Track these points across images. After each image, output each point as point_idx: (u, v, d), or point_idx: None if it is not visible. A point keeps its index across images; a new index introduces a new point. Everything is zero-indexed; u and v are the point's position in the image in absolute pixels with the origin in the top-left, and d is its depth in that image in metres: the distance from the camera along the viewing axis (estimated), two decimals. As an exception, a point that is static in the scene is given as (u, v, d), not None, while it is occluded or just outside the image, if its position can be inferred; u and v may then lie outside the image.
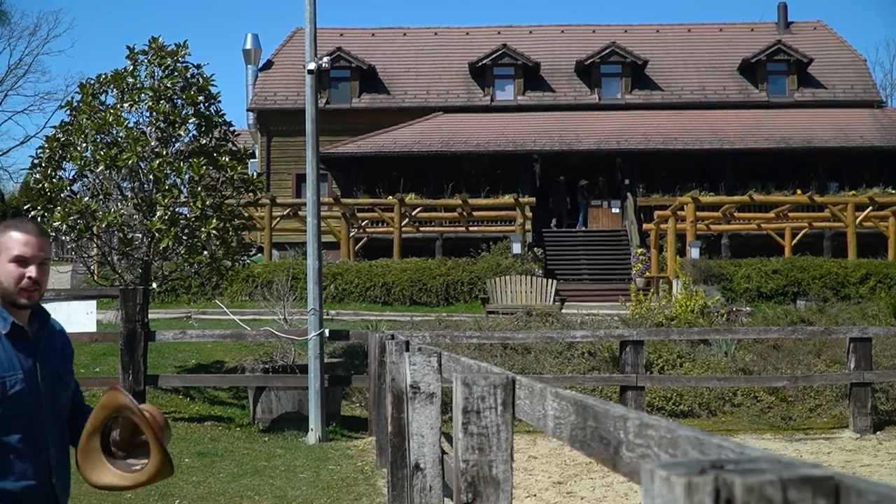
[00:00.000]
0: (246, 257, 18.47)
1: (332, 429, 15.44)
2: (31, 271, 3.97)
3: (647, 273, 33.85)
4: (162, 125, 17.08)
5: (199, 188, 16.65)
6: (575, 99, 46.81)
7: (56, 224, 16.42)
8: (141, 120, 17.32)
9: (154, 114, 17.05)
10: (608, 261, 38.12)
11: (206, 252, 17.07)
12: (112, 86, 17.43)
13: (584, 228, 42.67)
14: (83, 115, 16.84)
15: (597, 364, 18.15)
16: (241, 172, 17.44)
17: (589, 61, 46.39)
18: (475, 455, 3.99)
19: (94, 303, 15.97)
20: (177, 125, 17.12)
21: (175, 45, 17.58)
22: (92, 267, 19.28)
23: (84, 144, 16.74)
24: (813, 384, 17.15)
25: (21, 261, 3.96)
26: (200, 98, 17.44)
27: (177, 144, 17.51)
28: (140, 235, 17.07)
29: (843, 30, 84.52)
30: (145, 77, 17.48)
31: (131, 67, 17.47)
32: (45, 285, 4.07)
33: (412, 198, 38.00)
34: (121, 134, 16.77)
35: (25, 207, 17.35)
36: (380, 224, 37.58)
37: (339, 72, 45.69)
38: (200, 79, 17.55)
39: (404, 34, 50.84)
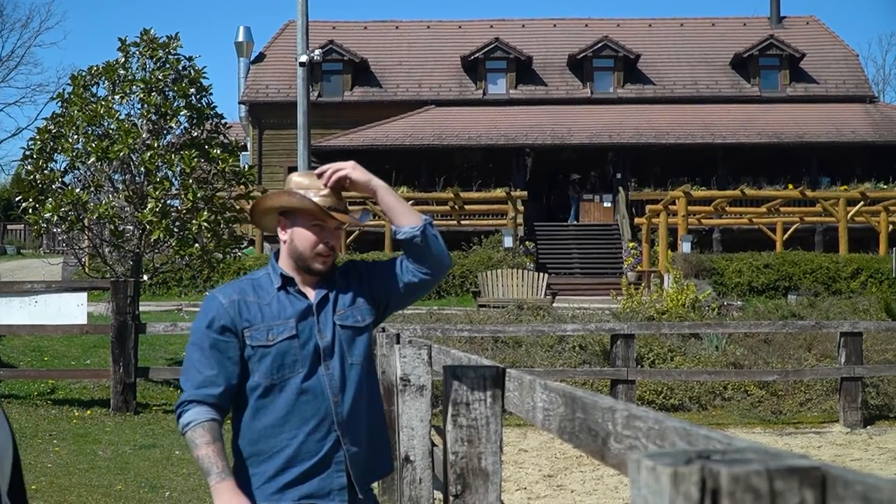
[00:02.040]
0: (237, 250, 18.44)
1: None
2: (329, 238, 3.96)
3: (639, 267, 33.89)
4: (153, 117, 17.05)
5: (191, 180, 16.63)
6: (567, 93, 46.80)
7: (47, 216, 16.39)
8: (132, 112, 17.31)
9: (145, 106, 17.03)
10: (600, 255, 38.14)
11: (197, 244, 17.04)
12: (104, 78, 17.41)
13: (575, 222, 42.68)
14: (74, 107, 16.81)
15: (588, 358, 18.15)
16: (232, 165, 17.41)
17: (581, 55, 46.38)
18: (464, 447, 3.99)
19: (84, 295, 15.92)
20: (168, 117, 17.10)
21: (167, 37, 17.55)
22: (83, 259, 19.24)
23: (75, 136, 16.71)
24: (803, 378, 17.17)
25: (320, 227, 3.94)
26: (192, 90, 17.41)
27: (168, 137, 17.50)
28: (131, 227, 17.05)
29: (836, 25, 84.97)
30: (137, 69, 17.46)
31: (123, 59, 17.45)
32: (339, 251, 4.02)
33: (404, 191, 37.95)
34: (112, 126, 16.75)
35: (17, 199, 17.32)
36: (371, 217, 37.50)
37: (332, 65, 45.65)
38: (192, 71, 17.53)
39: (397, 27, 50.80)
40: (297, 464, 3.82)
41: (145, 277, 17.26)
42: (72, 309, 15.56)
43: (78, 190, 16.69)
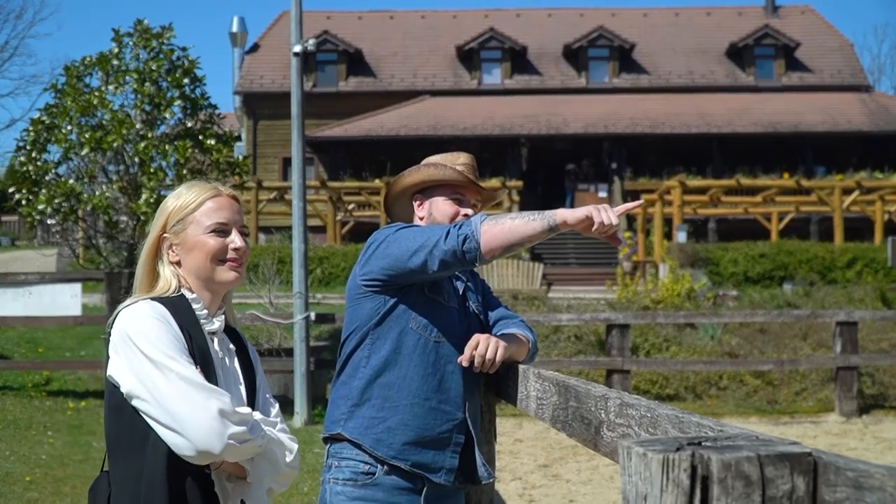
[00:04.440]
0: (232, 240, 18.39)
1: (318, 412, 15.42)
2: (468, 210, 4.03)
3: (634, 257, 33.85)
4: (147, 108, 17.01)
5: (185, 171, 16.59)
6: (562, 83, 46.75)
7: (41, 207, 16.36)
8: (126, 102, 17.27)
9: (139, 96, 16.99)
10: (595, 245, 38.05)
11: (191, 235, 16.99)
12: (97, 68, 17.37)
13: (571, 212, 42.53)
14: (68, 98, 16.78)
15: (583, 348, 18.15)
16: (227, 155, 17.37)
17: (576, 45, 46.33)
18: (458, 436, 3.99)
19: (79, 286, 15.89)
20: (162, 108, 17.06)
21: (160, 27, 17.52)
22: (77, 250, 19.21)
23: (69, 127, 16.68)
24: (799, 368, 17.19)
25: (459, 199, 4.04)
26: (186, 81, 17.37)
27: (162, 127, 17.46)
28: (125, 218, 17.02)
29: (831, 14, 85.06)
30: (130, 59, 17.41)
31: (116, 50, 17.40)
32: None
33: (399, 181, 37.84)
34: (106, 116, 16.71)
35: (11, 190, 17.28)
36: (366, 208, 37.44)
37: (326, 55, 45.58)
38: (186, 61, 17.49)
39: (391, 17, 50.73)
40: (420, 427, 3.79)
41: (140, 268, 17.19)
42: (66, 300, 15.54)
43: (72, 181, 16.66)
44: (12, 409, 14.36)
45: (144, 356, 2.83)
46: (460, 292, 4.00)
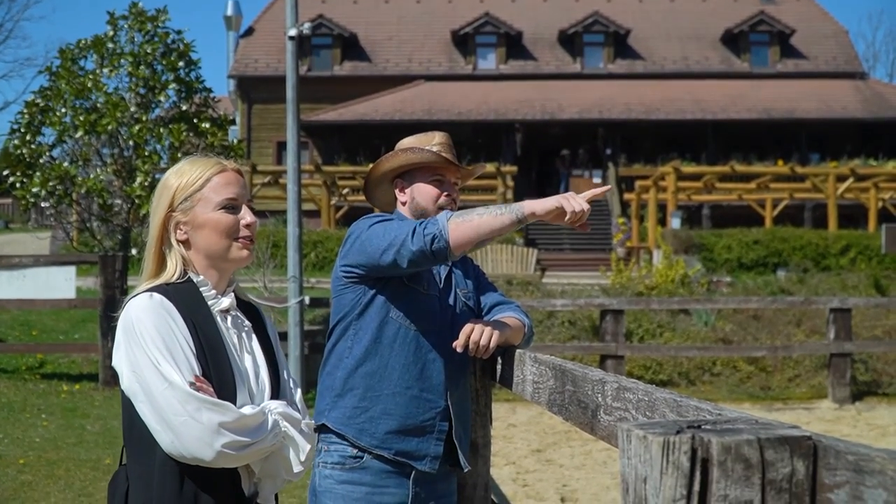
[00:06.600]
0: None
1: (312, 396, 15.42)
2: (450, 191, 4.05)
3: (628, 243, 33.87)
4: (141, 91, 16.98)
5: (180, 154, 16.55)
6: (557, 68, 46.68)
7: (35, 190, 16.33)
8: (120, 85, 17.24)
9: (133, 79, 16.96)
10: (589, 230, 38.07)
11: (186, 219, 16.96)
12: (92, 51, 17.33)
13: (565, 198, 42.50)
14: (62, 81, 16.75)
15: (577, 333, 18.17)
16: (221, 139, 17.34)
17: (572, 30, 46.26)
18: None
19: (73, 269, 15.87)
20: (156, 91, 17.03)
21: (155, 10, 17.48)
22: (71, 233, 19.17)
23: (63, 110, 16.65)
24: (792, 354, 17.22)
25: (440, 180, 4.05)
26: (181, 64, 17.34)
27: (157, 110, 17.43)
28: (120, 202, 16.99)
29: (826, 1, 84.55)
30: (125, 42, 17.38)
31: (111, 33, 17.37)
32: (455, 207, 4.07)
33: (394, 166, 37.74)
34: (100, 99, 16.68)
35: (5, 173, 17.26)
36: (361, 192, 37.32)
37: (321, 39, 45.51)
38: (181, 45, 17.46)
39: (386, 2, 50.59)
40: (403, 416, 3.80)
41: (134, 252, 17.17)
42: (60, 283, 15.52)
43: (66, 164, 16.64)
44: (6, 392, 14.36)
45: (142, 356, 2.80)
46: (442, 278, 4.00)
